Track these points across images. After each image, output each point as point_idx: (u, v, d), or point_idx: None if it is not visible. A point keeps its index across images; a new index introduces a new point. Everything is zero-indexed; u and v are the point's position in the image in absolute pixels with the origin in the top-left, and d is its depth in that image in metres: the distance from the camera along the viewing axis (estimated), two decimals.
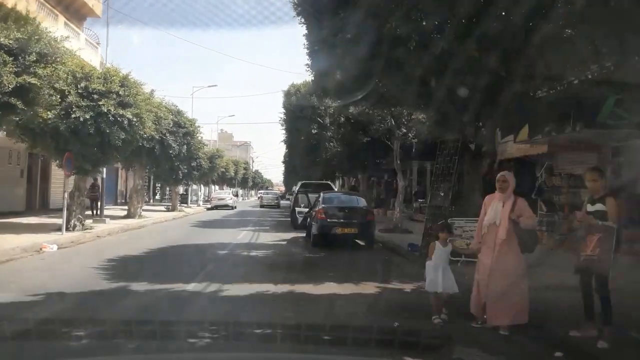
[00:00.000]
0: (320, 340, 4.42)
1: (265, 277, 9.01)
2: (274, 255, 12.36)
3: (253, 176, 79.04)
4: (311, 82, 13.35)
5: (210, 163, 37.36)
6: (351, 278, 8.93)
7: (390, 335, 4.38)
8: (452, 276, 6.39)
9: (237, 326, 5.22)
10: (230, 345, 4.47)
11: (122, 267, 9.97)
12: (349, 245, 14.34)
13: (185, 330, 4.93)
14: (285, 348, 4.30)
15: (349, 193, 19.14)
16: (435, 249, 6.48)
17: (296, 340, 4.52)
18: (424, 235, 11.48)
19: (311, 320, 5.95)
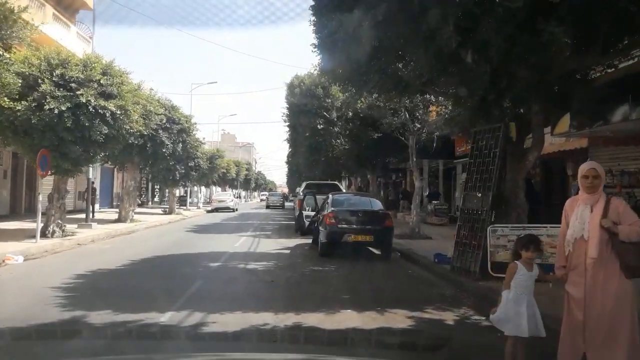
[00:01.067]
0: (321, 340, 4.32)
1: (264, 301, 7.09)
2: (275, 268, 10.44)
3: (256, 177, 77.13)
4: (317, 67, 11.43)
5: (210, 163, 35.60)
6: (372, 303, 7.00)
7: (390, 336, 4.22)
8: (539, 314, 4.46)
9: (237, 326, 5.07)
10: (230, 346, 4.39)
11: (88, 288, 8.06)
12: (362, 255, 12.42)
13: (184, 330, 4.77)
14: (285, 348, 4.18)
15: (362, 194, 17.19)
16: (516, 273, 4.55)
17: (296, 340, 4.41)
18: (457, 245, 9.53)
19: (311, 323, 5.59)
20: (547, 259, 8.21)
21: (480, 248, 8.91)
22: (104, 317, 6.01)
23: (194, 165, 29.69)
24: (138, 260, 11.33)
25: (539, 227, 8.41)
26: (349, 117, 19.45)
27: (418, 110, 17.26)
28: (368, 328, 5.61)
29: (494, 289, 8.13)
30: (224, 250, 13.15)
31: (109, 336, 5.29)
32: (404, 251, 12.98)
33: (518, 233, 8.47)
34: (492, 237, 8.62)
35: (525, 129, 9.44)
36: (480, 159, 9.48)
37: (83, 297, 7.22)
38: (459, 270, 9.30)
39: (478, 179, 9.40)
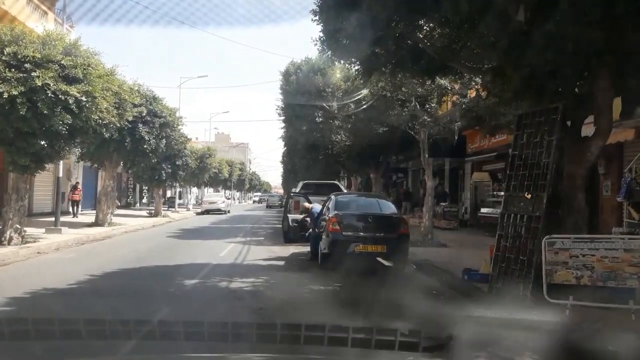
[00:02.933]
0: (320, 340, 3.82)
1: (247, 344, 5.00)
2: (265, 287, 8.34)
3: (250, 178, 74.80)
4: (317, 42, 9.34)
5: (200, 163, 33.52)
6: (399, 345, 4.91)
7: (390, 336, 3.73)
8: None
9: (237, 326, 4.49)
10: (230, 346, 4.04)
11: (4, 322, 5.91)
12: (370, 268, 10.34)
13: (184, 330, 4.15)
14: (285, 348, 3.90)
15: (369, 195, 15.08)
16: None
17: (296, 340, 3.91)
18: (496, 260, 7.46)
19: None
20: (625, 282, 6.18)
21: (531, 265, 6.85)
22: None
23: (181, 164, 27.58)
24: (98, 275, 9.22)
25: (612, 239, 6.36)
26: (350, 109, 17.36)
27: (432, 100, 15.20)
28: (368, 327, 4.45)
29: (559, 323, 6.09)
30: (206, 262, 11.03)
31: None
32: (420, 263, 10.90)
33: (583, 246, 6.43)
34: (548, 251, 6.57)
35: (581, 111, 7.40)
36: (528, 149, 7.42)
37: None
38: (500, 292, 7.23)
39: (526, 175, 7.33)
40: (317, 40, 9.53)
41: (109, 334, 4.84)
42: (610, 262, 6.18)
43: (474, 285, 8.11)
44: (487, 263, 8.57)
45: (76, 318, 5.82)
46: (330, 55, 9.70)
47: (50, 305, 6.86)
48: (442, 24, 7.86)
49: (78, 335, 4.67)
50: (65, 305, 6.84)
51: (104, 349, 4.50)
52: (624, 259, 6.10)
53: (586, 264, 6.30)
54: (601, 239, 6.40)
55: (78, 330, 5.22)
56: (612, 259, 6.17)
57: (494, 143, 18.50)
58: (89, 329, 5.28)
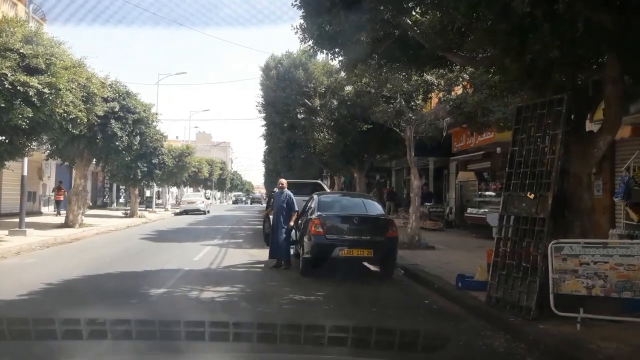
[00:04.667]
0: (320, 340, 4.27)
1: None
2: (241, 298, 7.53)
3: (231, 178, 73.54)
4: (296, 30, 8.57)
5: (178, 161, 32.48)
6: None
7: (390, 336, 4.15)
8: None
9: (237, 326, 4.97)
10: (230, 346, 4.30)
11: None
12: (355, 272, 9.63)
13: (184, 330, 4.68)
14: (285, 348, 4.14)
15: (354, 194, 14.31)
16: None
17: (296, 340, 4.38)
18: (495, 266, 6.77)
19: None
20: None
21: (536, 273, 6.18)
22: None
23: (158, 163, 26.53)
24: (55, 284, 8.31)
25: (627, 245, 5.71)
26: (334, 106, 16.62)
27: (417, 97, 14.55)
28: (368, 327, 4.95)
29: (567, 337, 5.42)
30: (178, 267, 10.18)
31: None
32: (408, 267, 10.20)
33: (594, 252, 5.77)
34: (555, 257, 5.90)
35: (586, 103, 6.76)
36: (529, 145, 6.75)
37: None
38: (500, 303, 6.55)
39: (527, 173, 6.66)
40: (298, 28, 8.78)
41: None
42: (626, 270, 5.54)
43: (470, 294, 7.42)
44: (483, 269, 7.90)
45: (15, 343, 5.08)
46: (312, 45, 8.91)
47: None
48: (434, 6, 7.14)
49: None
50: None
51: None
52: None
53: (598, 272, 5.64)
54: (615, 244, 5.75)
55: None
56: (628, 267, 5.53)
57: (481, 141, 17.98)
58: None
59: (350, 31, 8.11)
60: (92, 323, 5.16)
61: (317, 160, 22.79)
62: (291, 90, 16.31)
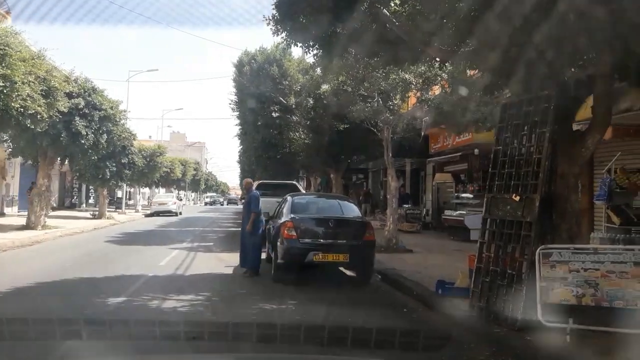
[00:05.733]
0: (320, 340, 4.25)
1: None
2: (205, 307, 6.95)
3: (206, 178, 72.27)
4: (271, 20, 8.04)
5: (150, 161, 31.56)
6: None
7: (390, 336, 4.11)
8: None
9: (237, 326, 4.95)
10: (230, 345, 4.30)
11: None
12: (330, 277, 9.15)
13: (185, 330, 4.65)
14: (285, 348, 4.14)
15: (329, 196, 13.82)
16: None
17: (296, 340, 4.35)
18: (478, 273, 6.35)
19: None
20: (636, 302, 5.17)
21: (522, 281, 5.79)
22: None
23: (127, 163, 25.66)
24: (3, 292, 7.59)
25: (620, 251, 5.35)
26: (309, 105, 16.12)
27: (395, 96, 14.16)
28: (368, 327, 4.92)
29: (556, 350, 5.02)
30: (141, 273, 9.53)
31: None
32: (385, 272, 9.75)
33: (585, 259, 5.40)
34: (543, 264, 5.50)
35: (574, 100, 6.40)
36: (514, 144, 6.36)
37: None
38: (484, 312, 6.14)
39: (512, 174, 6.27)
40: (270, 20, 8.24)
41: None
42: (618, 277, 5.17)
43: (451, 302, 7.00)
44: (464, 275, 7.51)
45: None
46: (285, 37, 8.40)
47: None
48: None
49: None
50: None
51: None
52: (635, 274, 5.10)
53: (589, 280, 5.27)
54: (606, 250, 5.39)
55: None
56: (620, 274, 5.17)
57: (458, 143, 17.72)
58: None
59: (325, 23, 7.64)
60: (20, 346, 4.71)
61: (293, 160, 22.26)
62: (265, 87, 15.76)
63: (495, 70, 6.43)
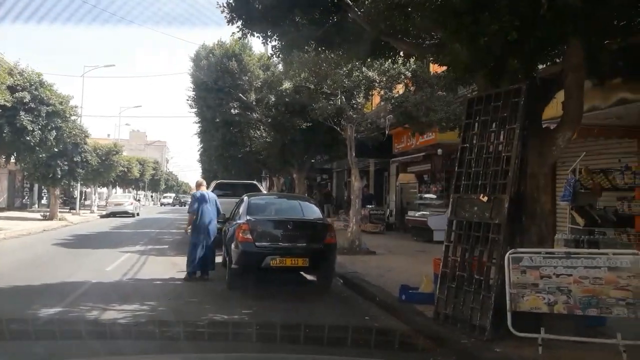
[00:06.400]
0: (320, 340, 4.33)
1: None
2: (150, 318, 6.31)
3: (166, 178, 70.40)
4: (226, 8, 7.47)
5: (105, 160, 30.33)
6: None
7: (390, 337, 4.24)
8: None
9: (237, 326, 5.07)
10: (230, 345, 4.29)
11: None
12: (289, 283, 8.64)
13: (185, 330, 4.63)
14: (285, 348, 4.15)
15: (290, 196, 13.31)
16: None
17: (296, 340, 4.38)
18: (444, 278, 5.97)
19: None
20: (610, 309, 4.86)
21: (490, 288, 5.42)
22: None
23: (80, 161, 24.47)
24: None
25: (594, 255, 5.03)
26: (271, 101, 15.54)
27: (359, 95, 13.78)
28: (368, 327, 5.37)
29: None
30: (84, 280, 8.79)
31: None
32: (347, 276, 9.31)
33: (557, 264, 5.07)
34: (513, 269, 5.15)
35: (544, 95, 6.09)
36: (482, 141, 6.00)
37: None
38: (450, 321, 5.75)
39: (480, 173, 5.91)
40: (225, 7, 7.67)
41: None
42: (592, 283, 4.86)
43: (415, 309, 6.60)
44: (428, 279, 7.13)
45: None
46: (240, 27, 7.83)
47: None
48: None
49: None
50: None
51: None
52: (609, 280, 4.80)
53: (561, 287, 4.94)
54: (580, 254, 5.07)
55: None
56: (594, 280, 4.86)
57: (422, 143, 17.54)
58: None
59: (283, 11, 7.14)
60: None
61: (255, 159, 21.64)
62: (224, 83, 15.10)
63: (462, 62, 6.07)
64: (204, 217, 9.18)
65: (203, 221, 9.17)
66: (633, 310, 4.71)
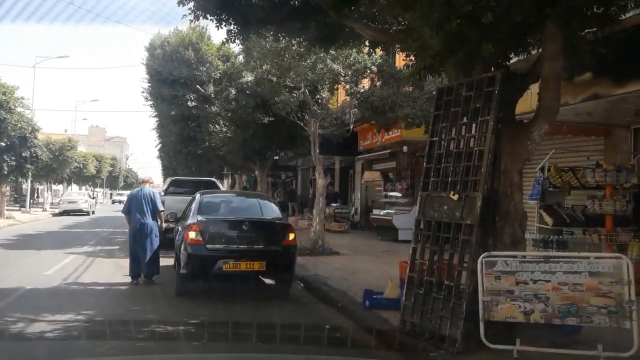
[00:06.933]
0: (320, 340, 4.32)
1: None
2: (80, 333, 5.57)
3: (126, 175, 68.14)
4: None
5: (59, 155, 28.88)
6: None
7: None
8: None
9: (237, 326, 4.88)
10: (230, 345, 4.21)
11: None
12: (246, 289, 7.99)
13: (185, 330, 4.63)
14: (286, 348, 4.10)
15: (248, 194, 12.63)
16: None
17: (296, 340, 4.33)
18: (410, 284, 5.46)
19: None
20: (591, 318, 4.45)
21: (461, 294, 4.95)
22: None
23: (29, 156, 23.09)
24: None
25: (574, 259, 4.61)
26: (231, 95, 14.80)
27: (323, 89, 13.24)
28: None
29: None
30: (18, 286, 7.93)
31: None
32: (308, 280, 8.74)
33: (534, 268, 4.63)
34: (486, 275, 4.68)
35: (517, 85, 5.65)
36: (452, 134, 5.53)
37: None
38: (418, 330, 5.25)
39: (450, 169, 5.43)
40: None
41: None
42: (571, 290, 4.44)
43: (380, 316, 6.09)
44: (394, 284, 6.64)
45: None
46: (193, 9, 7.16)
47: None
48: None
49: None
50: None
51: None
52: (590, 287, 4.39)
53: (538, 294, 4.50)
54: (559, 258, 4.65)
55: None
56: (574, 287, 4.43)
57: (387, 140, 17.15)
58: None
59: None
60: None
61: (215, 156, 20.83)
62: (179, 74, 14.29)
63: (432, 49, 5.57)
64: (134, 217, 8.52)
65: (133, 222, 8.54)
66: (615, 319, 4.31)
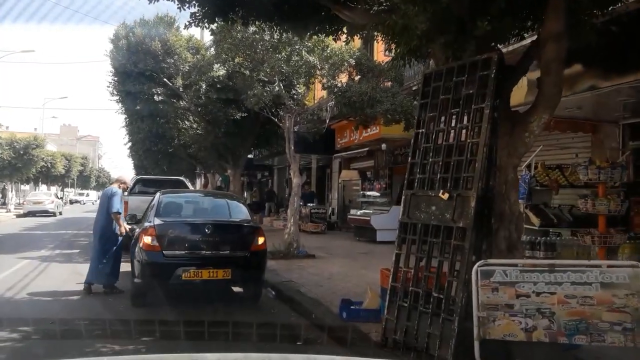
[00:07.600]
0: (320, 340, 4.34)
1: None
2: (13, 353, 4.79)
3: (97, 175, 66.20)
4: None
5: (24, 154, 27.59)
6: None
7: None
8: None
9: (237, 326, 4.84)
10: (230, 345, 4.18)
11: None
12: (212, 297, 7.24)
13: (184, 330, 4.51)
14: (286, 348, 4.00)
15: (215, 193, 11.84)
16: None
17: (296, 340, 4.41)
18: (393, 295, 4.81)
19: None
20: (603, 336, 3.85)
21: (452, 309, 4.31)
22: None
23: None
24: None
25: (584, 269, 4.01)
26: (202, 89, 13.99)
27: (299, 82, 12.56)
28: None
29: None
30: None
31: None
32: (280, 287, 8.03)
33: (538, 279, 4.02)
34: (482, 286, 4.05)
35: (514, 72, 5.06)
36: (442, 126, 4.89)
37: None
38: (401, 348, 4.60)
39: (439, 164, 4.79)
40: None
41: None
42: (580, 304, 3.85)
43: (359, 330, 5.41)
44: (374, 293, 5.99)
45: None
46: None
47: None
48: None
49: None
50: None
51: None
52: (601, 300, 3.80)
53: (542, 309, 3.89)
54: (566, 267, 4.06)
55: None
56: (583, 300, 3.84)
57: (365, 137, 16.62)
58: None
59: None
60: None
61: (186, 154, 19.95)
62: (145, 66, 13.44)
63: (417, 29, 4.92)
64: (96, 219, 7.87)
65: (94, 224, 7.80)
66: (631, 337, 3.72)
